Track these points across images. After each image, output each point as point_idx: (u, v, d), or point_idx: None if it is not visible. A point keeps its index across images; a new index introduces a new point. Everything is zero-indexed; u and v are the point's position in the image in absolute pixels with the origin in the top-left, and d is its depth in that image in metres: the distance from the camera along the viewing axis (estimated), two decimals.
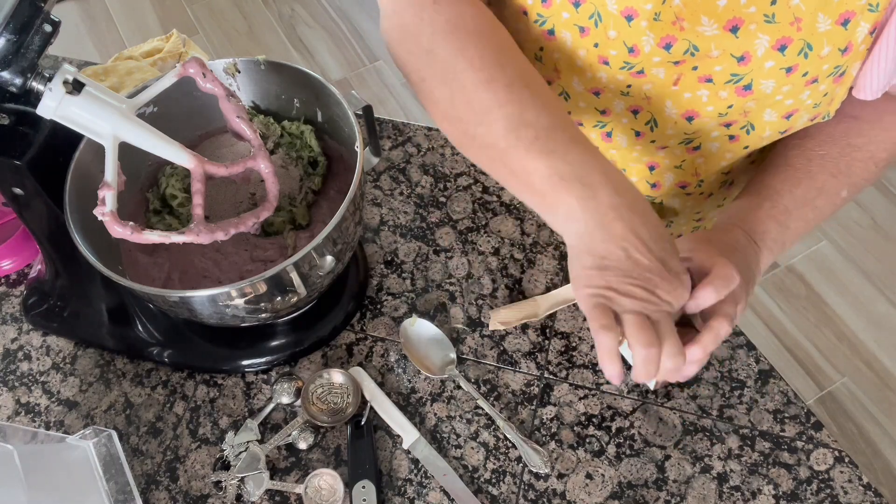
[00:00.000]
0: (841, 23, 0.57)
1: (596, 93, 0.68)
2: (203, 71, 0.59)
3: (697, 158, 0.75)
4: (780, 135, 0.70)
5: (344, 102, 0.67)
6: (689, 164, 0.76)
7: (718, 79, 0.63)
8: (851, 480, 0.67)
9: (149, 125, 0.57)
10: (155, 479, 0.69)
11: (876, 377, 1.70)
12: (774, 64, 0.60)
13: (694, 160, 0.75)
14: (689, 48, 0.60)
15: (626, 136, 0.74)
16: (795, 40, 0.59)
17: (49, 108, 0.54)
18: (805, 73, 0.61)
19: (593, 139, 0.76)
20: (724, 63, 0.61)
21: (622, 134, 0.74)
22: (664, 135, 0.71)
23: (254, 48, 2.35)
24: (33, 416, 0.73)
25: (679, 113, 0.67)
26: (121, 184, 0.57)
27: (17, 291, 0.81)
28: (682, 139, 0.71)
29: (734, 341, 0.74)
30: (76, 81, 0.54)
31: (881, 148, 0.69)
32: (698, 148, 0.73)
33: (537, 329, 0.76)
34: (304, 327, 0.75)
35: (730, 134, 0.70)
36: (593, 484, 0.68)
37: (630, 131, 0.73)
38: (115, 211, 0.57)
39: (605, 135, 0.76)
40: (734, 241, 0.64)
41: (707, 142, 0.72)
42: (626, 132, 0.73)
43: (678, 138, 0.71)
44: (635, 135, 0.73)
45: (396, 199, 0.85)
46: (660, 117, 0.69)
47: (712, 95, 0.64)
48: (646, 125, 0.70)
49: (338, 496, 0.66)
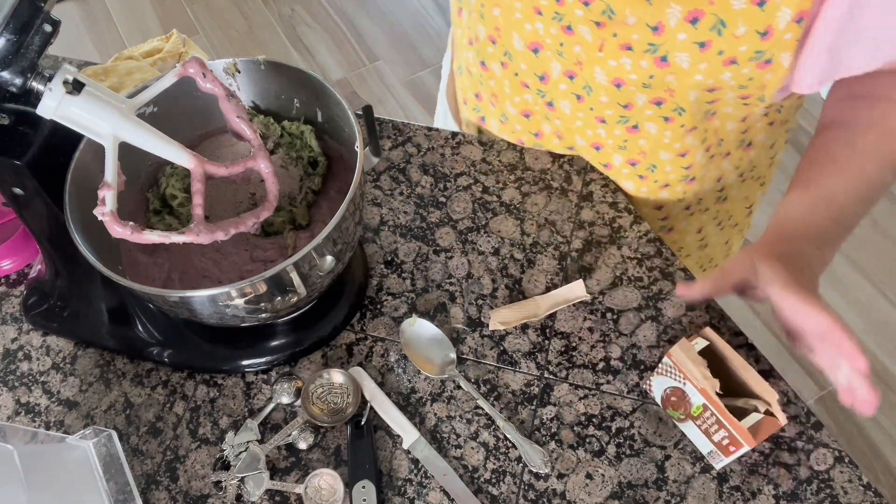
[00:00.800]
0: (757, 3, 0.59)
1: (534, 49, 0.73)
2: (203, 71, 0.59)
3: (639, 140, 0.78)
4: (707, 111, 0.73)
5: (344, 102, 0.67)
6: (632, 144, 0.79)
7: (637, 47, 0.66)
8: (851, 480, 0.67)
9: (149, 125, 0.57)
10: (155, 479, 0.69)
11: (876, 377, 1.70)
12: (687, 37, 0.63)
13: (636, 140, 0.78)
14: (606, 9, 0.64)
15: (567, 101, 0.78)
16: (708, 14, 0.61)
17: (49, 108, 0.54)
18: (720, 51, 0.63)
19: (538, 110, 0.82)
20: (641, 32, 0.65)
21: (563, 99, 0.78)
22: (599, 102, 0.75)
23: (254, 48, 2.35)
24: (33, 416, 0.73)
25: (608, 80, 0.71)
26: (121, 184, 0.57)
27: (17, 291, 0.81)
28: (619, 115, 0.75)
29: (734, 341, 0.74)
30: (76, 81, 0.54)
31: None
32: (637, 128, 0.76)
33: (537, 329, 0.76)
34: (304, 327, 0.75)
35: (663, 115, 0.73)
36: (593, 484, 0.68)
37: (570, 96, 0.77)
38: (115, 211, 0.57)
39: (548, 103, 0.80)
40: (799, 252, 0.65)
41: (643, 121, 0.75)
42: (566, 97, 0.77)
43: (614, 111, 0.75)
44: (576, 98, 0.77)
45: (396, 199, 0.85)
46: (592, 83, 0.73)
47: (634, 64, 0.68)
48: (583, 89, 0.75)
49: (338, 496, 0.66)
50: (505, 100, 0.84)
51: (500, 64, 0.80)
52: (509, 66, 0.79)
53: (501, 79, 0.82)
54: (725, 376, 0.64)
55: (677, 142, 0.77)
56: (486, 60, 0.82)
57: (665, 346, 0.75)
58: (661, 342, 0.75)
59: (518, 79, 0.80)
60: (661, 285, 0.78)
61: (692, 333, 0.74)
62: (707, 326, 0.74)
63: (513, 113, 0.85)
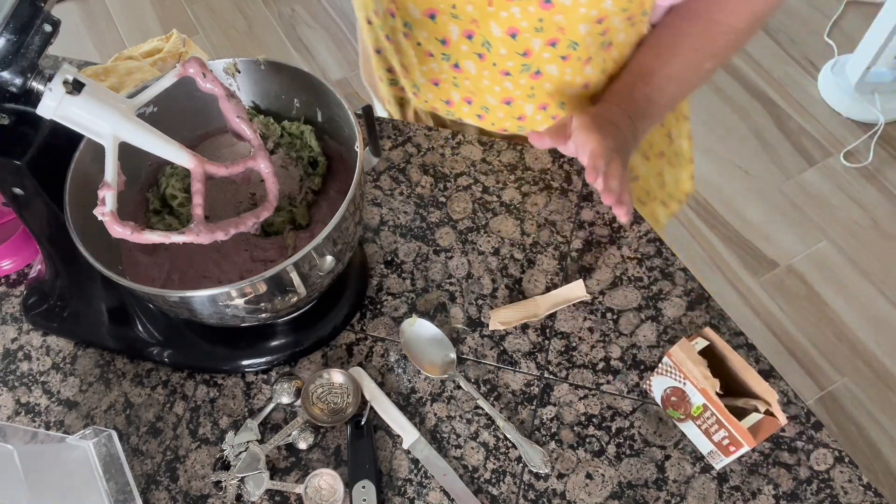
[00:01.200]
0: None
1: (431, 16, 0.78)
2: (203, 71, 0.59)
3: (544, 83, 0.83)
4: (602, 42, 0.79)
5: (344, 102, 0.67)
6: (539, 90, 0.84)
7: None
8: (851, 480, 0.67)
9: (149, 125, 0.57)
10: (155, 479, 0.69)
11: (876, 377, 1.70)
12: None
13: (541, 85, 0.83)
14: None
15: (471, 61, 0.82)
16: None
17: (49, 108, 0.54)
18: None
19: (446, 71, 0.85)
20: None
21: (466, 60, 0.82)
22: (500, 55, 0.80)
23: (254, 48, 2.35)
24: (33, 416, 0.73)
25: (503, 31, 0.76)
26: (121, 184, 0.57)
27: (17, 291, 0.81)
28: (520, 65, 0.80)
29: (734, 341, 0.74)
30: (76, 81, 0.54)
31: (739, 19, 0.79)
32: (539, 73, 0.81)
33: (537, 329, 0.76)
34: (304, 327, 0.75)
35: (560, 54, 0.79)
36: (593, 484, 0.68)
37: (473, 56, 0.81)
38: (115, 211, 0.57)
39: (454, 66, 0.84)
40: (611, 116, 0.77)
41: (543, 65, 0.80)
42: (469, 58, 0.82)
43: (515, 62, 0.80)
44: (478, 57, 0.81)
45: (396, 199, 0.85)
46: (490, 38, 0.78)
47: (523, 11, 0.73)
48: (482, 46, 0.79)
49: (338, 496, 0.66)
50: (414, 70, 0.87)
51: (403, 35, 0.82)
52: (411, 35, 0.82)
53: (407, 49, 0.85)
54: (725, 376, 0.64)
55: (578, 75, 0.82)
56: (389, 34, 0.85)
57: (665, 346, 0.75)
58: (661, 342, 0.75)
59: (422, 48, 0.83)
60: (661, 285, 0.78)
61: (692, 333, 0.74)
62: (707, 326, 0.75)
63: (422, 82, 0.89)
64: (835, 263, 1.85)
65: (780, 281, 1.83)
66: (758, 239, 1.90)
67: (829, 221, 1.92)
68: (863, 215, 1.93)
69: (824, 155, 2.04)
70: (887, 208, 1.94)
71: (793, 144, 2.06)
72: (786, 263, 1.86)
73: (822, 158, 2.03)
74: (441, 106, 0.91)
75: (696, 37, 0.80)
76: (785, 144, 2.06)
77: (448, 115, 0.92)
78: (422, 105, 0.93)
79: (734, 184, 2.00)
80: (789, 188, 1.98)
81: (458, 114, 0.91)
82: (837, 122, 2.09)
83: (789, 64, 2.22)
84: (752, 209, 1.95)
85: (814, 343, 1.74)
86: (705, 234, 1.92)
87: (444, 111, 0.92)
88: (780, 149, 2.05)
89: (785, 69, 2.21)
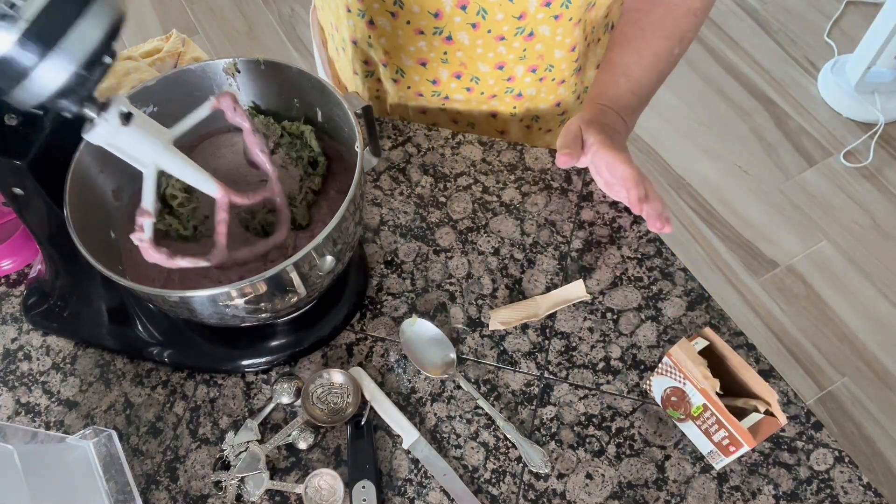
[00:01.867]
0: None
1: None
2: (234, 106, 0.62)
3: (536, 45, 0.86)
4: (588, 6, 0.83)
5: (344, 102, 0.67)
6: (530, 51, 0.87)
7: None
8: (851, 480, 0.67)
9: (184, 155, 0.60)
10: (155, 479, 0.69)
11: (876, 377, 1.70)
12: None
13: (533, 47, 0.86)
14: None
15: (465, 31, 0.84)
16: None
17: (100, 137, 0.55)
18: None
19: (436, 47, 0.86)
20: None
21: (460, 31, 0.84)
22: (495, 21, 0.82)
23: (254, 48, 2.35)
24: (33, 416, 0.73)
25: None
26: (157, 211, 0.60)
27: (17, 291, 0.81)
28: (515, 28, 0.83)
29: (734, 341, 0.74)
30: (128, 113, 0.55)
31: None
32: (532, 35, 0.84)
33: (537, 329, 0.76)
34: (304, 327, 0.75)
35: (553, 14, 0.82)
36: (593, 484, 0.68)
37: (466, 26, 0.83)
38: (152, 238, 0.59)
39: (446, 39, 0.85)
40: (610, 121, 0.83)
41: (537, 26, 0.83)
42: (463, 29, 0.83)
43: (510, 25, 0.82)
44: (472, 27, 0.83)
45: (396, 199, 0.85)
46: (486, 5, 0.80)
47: None
48: (477, 15, 0.81)
49: (338, 496, 0.66)
50: (399, 52, 0.88)
51: (391, 15, 0.83)
52: (400, 14, 0.82)
53: (393, 31, 0.85)
54: (725, 376, 0.64)
55: (567, 37, 0.86)
56: (373, 18, 0.85)
57: (665, 346, 0.75)
58: (661, 342, 0.75)
59: (410, 27, 0.84)
60: (661, 285, 0.78)
61: (692, 333, 0.74)
62: (707, 326, 0.75)
63: (408, 64, 0.89)
64: (835, 263, 1.86)
65: (780, 281, 1.83)
66: (758, 239, 1.90)
67: (829, 221, 1.92)
68: (863, 215, 1.93)
69: (824, 155, 2.04)
70: (887, 208, 1.94)
71: (793, 144, 2.06)
72: (786, 263, 1.86)
73: (822, 158, 2.03)
74: (427, 87, 0.92)
75: (660, 25, 0.83)
76: (785, 144, 2.06)
77: (433, 95, 0.93)
78: (402, 92, 0.94)
79: (734, 184, 2.00)
80: (789, 188, 1.98)
81: (444, 91, 0.92)
82: (837, 122, 2.09)
83: (789, 64, 2.22)
84: (752, 209, 1.95)
85: (814, 343, 1.74)
86: (705, 234, 1.92)
87: (429, 93, 0.93)
88: (780, 149, 2.05)
89: (785, 69, 2.21)
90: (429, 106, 0.96)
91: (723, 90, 2.17)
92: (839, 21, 2.29)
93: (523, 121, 0.98)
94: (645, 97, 0.87)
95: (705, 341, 0.66)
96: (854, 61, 2.06)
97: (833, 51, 2.20)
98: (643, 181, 0.78)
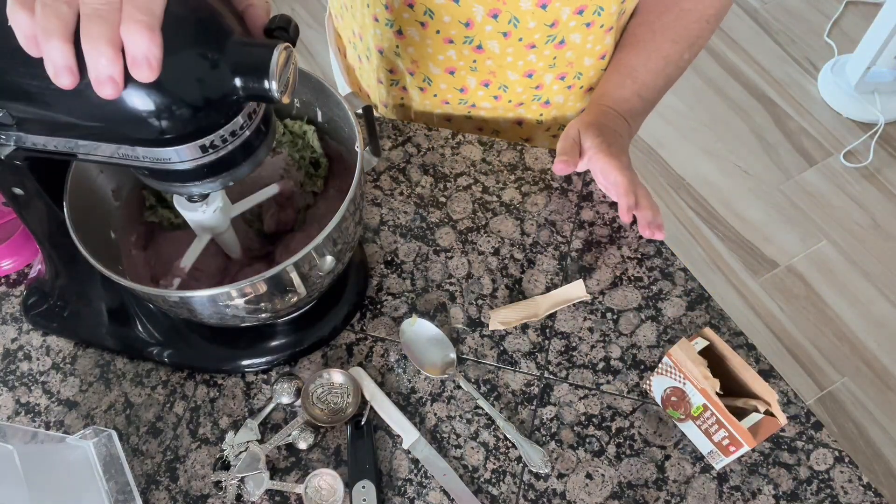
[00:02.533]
0: None
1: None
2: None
3: (566, 52, 0.85)
4: (621, 10, 0.82)
5: (344, 102, 0.67)
6: (560, 59, 0.86)
7: None
8: (851, 480, 0.67)
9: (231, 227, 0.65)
10: (155, 479, 0.69)
11: (876, 377, 1.70)
12: None
13: (563, 55, 0.85)
14: None
15: (496, 40, 0.82)
16: None
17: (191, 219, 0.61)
18: None
19: (466, 56, 0.86)
20: None
21: (491, 40, 0.82)
22: (527, 30, 0.80)
23: None
24: (33, 416, 0.73)
25: (533, 4, 0.77)
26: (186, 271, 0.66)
27: (17, 291, 0.81)
28: (546, 36, 0.81)
29: (734, 341, 0.74)
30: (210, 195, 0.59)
31: (709, 5, 0.82)
32: (563, 42, 0.83)
33: (537, 329, 0.76)
34: (304, 327, 0.75)
35: (585, 21, 0.80)
36: (593, 484, 0.68)
37: (498, 35, 0.82)
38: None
39: (476, 48, 0.84)
40: (612, 123, 0.82)
41: (568, 34, 0.82)
42: (493, 37, 0.82)
43: (542, 34, 0.81)
44: (503, 36, 0.82)
45: (396, 199, 0.85)
46: (518, 13, 0.78)
47: None
48: (508, 24, 0.80)
49: (338, 496, 0.66)
50: (427, 61, 0.87)
51: (420, 25, 0.82)
52: (430, 24, 0.82)
53: (422, 41, 0.85)
54: (725, 376, 0.64)
55: (598, 44, 0.85)
56: (402, 28, 0.84)
57: (665, 346, 0.75)
58: (661, 342, 0.75)
59: (440, 36, 0.83)
60: (661, 285, 0.78)
61: (692, 333, 0.74)
62: (707, 326, 0.75)
63: (436, 73, 0.89)
64: (835, 263, 1.86)
65: (780, 281, 1.83)
66: (758, 239, 1.90)
67: (829, 221, 1.92)
68: (863, 215, 1.93)
69: (824, 155, 2.04)
70: (887, 208, 1.94)
71: (793, 144, 2.06)
72: (786, 263, 1.86)
73: (822, 158, 2.03)
74: (454, 95, 0.91)
75: (671, 29, 0.83)
76: (785, 144, 2.06)
77: (460, 103, 0.92)
78: (428, 100, 0.93)
79: (734, 184, 2.00)
80: (789, 188, 1.98)
81: (471, 100, 0.92)
82: (837, 122, 2.09)
83: (789, 64, 2.22)
84: (752, 209, 1.95)
85: (814, 343, 1.74)
86: (705, 234, 1.92)
87: (456, 101, 0.92)
88: (780, 149, 2.05)
89: (785, 69, 2.21)
90: (454, 114, 0.95)
91: (723, 90, 2.17)
92: (839, 21, 2.29)
93: (549, 130, 0.98)
94: (651, 100, 0.86)
95: (705, 341, 0.66)
96: (854, 61, 2.06)
97: (833, 51, 2.20)
98: (636, 189, 0.77)
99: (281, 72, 0.45)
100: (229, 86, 0.46)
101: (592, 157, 0.79)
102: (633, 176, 0.78)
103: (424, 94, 0.93)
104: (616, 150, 0.79)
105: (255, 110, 0.50)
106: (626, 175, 0.77)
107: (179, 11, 0.44)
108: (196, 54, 0.44)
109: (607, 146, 0.78)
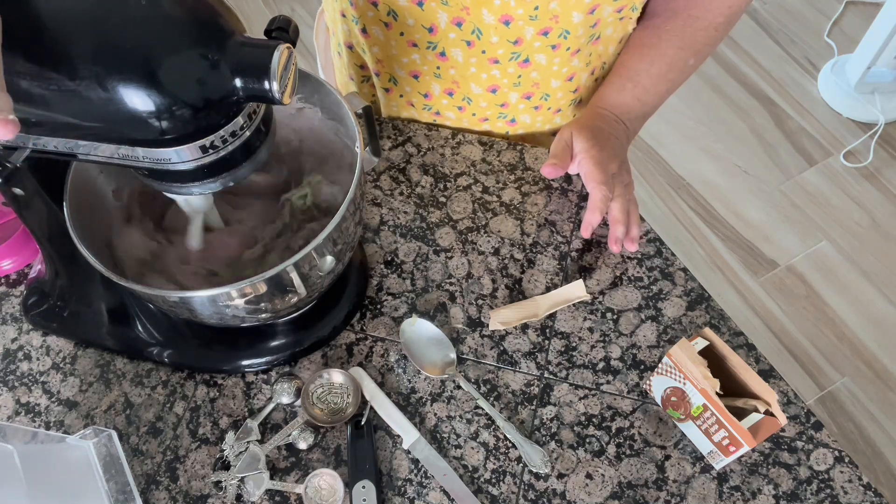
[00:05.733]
0: None
1: (419, 3, 0.77)
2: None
3: (531, 72, 0.83)
4: (591, 35, 0.80)
5: (344, 102, 0.67)
6: (525, 78, 0.84)
7: None
8: (851, 480, 0.67)
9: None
10: (155, 479, 0.69)
11: (876, 377, 1.70)
12: None
13: (528, 74, 0.83)
14: None
15: (459, 48, 0.81)
16: None
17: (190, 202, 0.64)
18: None
19: (429, 61, 0.85)
20: None
21: (454, 48, 0.81)
22: (490, 43, 0.79)
23: None
24: (33, 416, 0.73)
25: (496, 19, 0.75)
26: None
27: (17, 291, 0.81)
28: (510, 53, 0.80)
29: (734, 341, 0.74)
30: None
31: (718, 13, 0.80)
32: (528, 61, 0.81)
33: (537, 329, 0.76)
34: (304, 327, 0.75)
35: (551, 43, 0.79)
36: (593, 484, 0.68)
37: (461, 43, 0.80)
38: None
39: (440, 54, 0.83)
40: (607, 126, 0.81)
41: (533, 53, 0.80)
42: (457, 45, 0.81)
43: (506, 49, 0.80)
44: (466, 45, 0.80)
45: (396, 199, 0.85)
46: (481, 25, 0.77)
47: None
48: (472, 34, 0.79)
49: (338, 496, 0.66)
50: (392, 62, 0.86)
51: (384, 25, 0.81)
52: (394, 25, 0.81)
53: (386, 41, 0.84)
54: (725, 376, 0.64)
55: (565, 66, 0.83)
56: (366, 26, 0.83)
57: (665, 346, 0.75)
58: (661, 342, 0.75)
59: (404, 38, 0.82)
60: (661, 285, 0.78)
61: (692, 333, 0.74)
62: (707, 326, 0.75)
63: (401, 74, 0.88)
64: (835, 263, 1.85)
65: (780, 281, 1.83)
66: (758, 239, 1.90)
67: (829, 221, 1.92)
68: (863, 215, 1.93)
69: (824, 155, 2.04)
70: (887, 208, 1.94)
71: (793, 144, 2.06)
72: (786, 263, 1.86)
73: (822, 158, 2.03)
74: (419, 100, 0.90)
75: (678, 35, 0.82)
76: (785, 144, 2.06)
77: (424, 108, 0.91)
78: (395, 101, 0.92)
79: (734, 184, 2.00)
80: (789, 188, 1.98)
81: (436, 107, 0.91)
82: (837, 122, 2.09)
83: (789, 64, 2.22)
84: (752, 209, 1.95)
85: (814, 343, 1.74)
86: (705, 234, 1.92)
87: (420, 105, 0.91)
88: (780, 149, 2.05)
89: (785, 69, 2.21)
90: (419, 118, 0.94)
91: (723, 90, 2.17)
92: (839, 21, 2.29)
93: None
94: (652, 105, 0.85)
95: (705, 341, 0.66)
96: (854, 61, 2.06)
97: (833, 51, 2.20)
98: (604, 204, 0.76)
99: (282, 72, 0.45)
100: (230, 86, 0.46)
101: (581, 161, 0.78)
102: (607, 191, 0.76)
103: (390, 94, 0.92)
104: (608, 154, 0.78)
105: (255, 111, 0.50)
106: (600, 190, 0.75)
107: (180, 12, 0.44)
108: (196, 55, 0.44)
109: (598, 150, 0.77)
